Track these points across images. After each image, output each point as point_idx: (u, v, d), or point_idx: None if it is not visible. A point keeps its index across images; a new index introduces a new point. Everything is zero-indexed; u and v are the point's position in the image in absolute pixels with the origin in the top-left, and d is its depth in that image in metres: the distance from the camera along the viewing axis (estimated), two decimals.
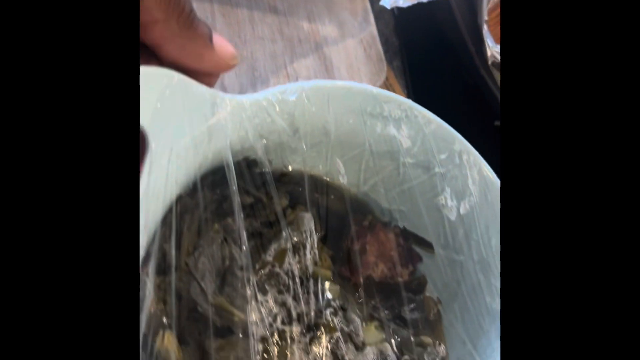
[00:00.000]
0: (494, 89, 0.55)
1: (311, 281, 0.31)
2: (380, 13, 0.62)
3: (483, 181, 0.38)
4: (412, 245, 0.44)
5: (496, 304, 0.40)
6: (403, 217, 0.45)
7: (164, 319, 0.28)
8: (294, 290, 0.30)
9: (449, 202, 0.37)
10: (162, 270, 0.29)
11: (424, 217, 0.43)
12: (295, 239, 0.31)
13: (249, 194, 0.34)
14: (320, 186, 0.43)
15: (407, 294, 0.39)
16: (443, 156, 0.39)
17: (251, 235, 0.32)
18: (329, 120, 0.36)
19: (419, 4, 0.57)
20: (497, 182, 0.39)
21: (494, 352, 0.40)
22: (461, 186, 0.38)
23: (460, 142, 0.38)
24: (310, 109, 0.33)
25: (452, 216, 0.37)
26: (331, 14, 0.54)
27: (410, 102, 0.37)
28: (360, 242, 0.41)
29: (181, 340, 0.29)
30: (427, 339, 0.37)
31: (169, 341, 0.28)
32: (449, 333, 0.43)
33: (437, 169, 0.39)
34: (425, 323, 0.38)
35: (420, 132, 0.37)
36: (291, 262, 0.30)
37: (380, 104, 0.36)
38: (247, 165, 0.36)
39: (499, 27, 0.59)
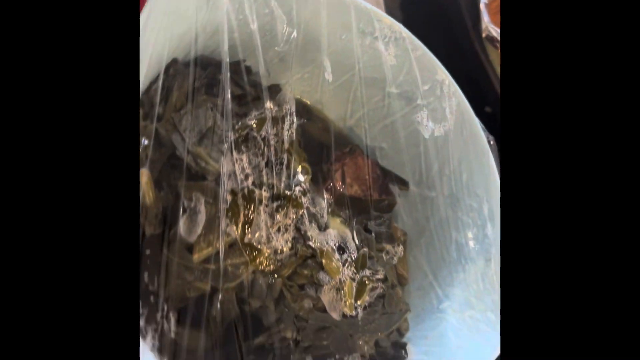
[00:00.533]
0: (486, 66, 0.58)
1: (285, 156, 0.32)
2: None
3: (460, 114, 0.40)
4: (389, 183, 0.46)
5: (460, 237, 0.42)
6: (383, 154, 0.46)
7: (143, 156, 0.29)
8: (268, 157, 0.32)
9: (425, 121, 0.39)
10: (147, 116, 0.31)
11: (403, 154, 0.44)
12: (275, 112, 0.33)
13: (239, 86, 0.36)
14: (308, 113, 0.45)
15: (376, 212, 0.41)
16: (426, 87, 0.41)
17: (235, 114, 0.34)
18: (323, 32, 0.38)
19: None
20: (475, 118, 0.41)
21: (453, 281, 0.41)
22: (440, 116, 0.40)
23: (443, 72, 0.40)
24: (305, 10, 0.36)
25: (426, 134, 0.39)
26: None
27: (401, 25, 0.39)
28: (339, 164, 0.43)
29: (157, 185, 0.31)
30: (388, 246, 0.38)
31: (142, 177, 0.30)
32: (412, 266, 0.44)
33: (419, 101, 0.42)
34: (389, 238, 0.39)
35: (407, 56, 0.39)
36: (269, 131, 0.32)
37: (372, 20, 0.38)
38: (246, 69, 0.38)
39: (496, 17, 0.62)
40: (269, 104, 0.32)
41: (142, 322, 0.27)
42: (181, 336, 0.32)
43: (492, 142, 0.40)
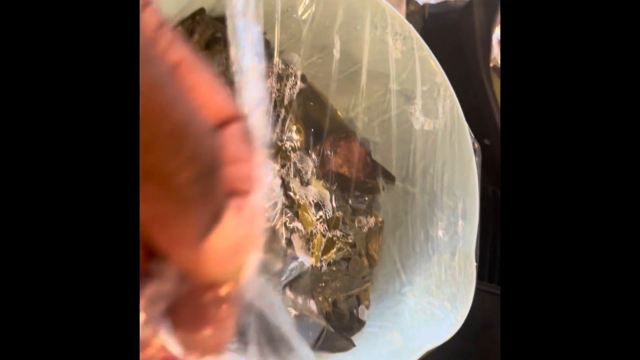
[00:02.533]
0: (489, 95, 0.61)
1: (283, 110, 0.36)
2: (411, 13, 0.70)
3: (451, 116, 0.44)
4: (376, 176, 0.49)
5: (433, 231, 0.44)
6: (376, 149, 0.50)
7: None
8: (267, 107, 0.35)
9: (417, 113, 0.43)
10: None
11: (394, 150, 0.48)
12: (282, 70, 0.36)
13: None
14: (315, 97, 0.49)
15: (358, 192, 0.44)
16: (425, 88, 0.44)
17: None
18: (339, 16, 0.42)
19: (446, 8, 0.65)
20: (464, 122, 0.44)
21: (418, 269, 0.44)
22: (432, 114, 0.44)
23: (443, 77, 0.44)
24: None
25: (417, 125, 0.42)
26: None
27: (411, 26, 0.43)
28: (333, 145, 0.46)
29: None
30: (361, 217, 0.41)
31: None
32: (383, 253, 0.47)
33: (417, 100, 0.45)
34: (364, 213, 0.42)
35: (412, 54, 0.43)
36: (273, 85, 0.35)
37: (386, 16, 0.42)
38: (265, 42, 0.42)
39: None
40: (277, 60, 0.36)
41: None
42: None
43: (476, 146, 0.43)
